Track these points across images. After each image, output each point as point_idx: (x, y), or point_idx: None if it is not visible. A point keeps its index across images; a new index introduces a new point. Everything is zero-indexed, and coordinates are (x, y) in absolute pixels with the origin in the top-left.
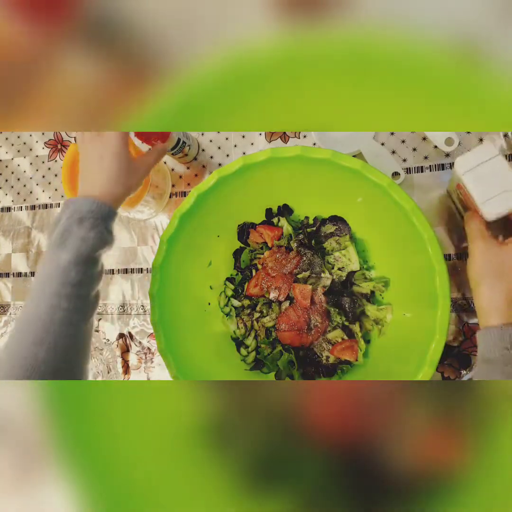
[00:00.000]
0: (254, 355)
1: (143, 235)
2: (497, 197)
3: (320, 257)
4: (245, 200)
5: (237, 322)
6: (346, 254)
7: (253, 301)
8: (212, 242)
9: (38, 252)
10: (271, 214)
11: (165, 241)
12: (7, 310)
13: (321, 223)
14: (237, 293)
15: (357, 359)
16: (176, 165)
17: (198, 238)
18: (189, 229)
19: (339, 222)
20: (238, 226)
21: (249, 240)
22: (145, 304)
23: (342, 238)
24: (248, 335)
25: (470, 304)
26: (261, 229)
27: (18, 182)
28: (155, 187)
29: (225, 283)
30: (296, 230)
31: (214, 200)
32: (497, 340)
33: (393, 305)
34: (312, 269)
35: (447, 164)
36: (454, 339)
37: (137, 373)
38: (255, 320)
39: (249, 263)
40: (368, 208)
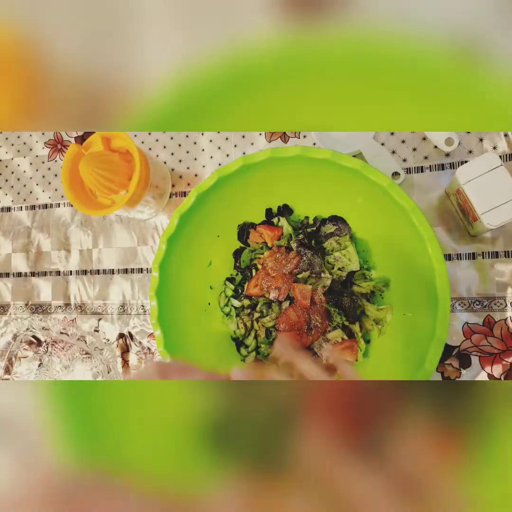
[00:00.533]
0: (254, 355)
1: (143, 235)
2: (498, 208)
3: (320, 257)
4: (245, 200)
5: (237, 322)
6: (346, 254)
7: (253, 301)
8: (212, 242)
9: (38, 252)
10: (271, 214)
11: (165, 240)
12: (7, 310)
13: (321, 223)
14: (237, 293)
15: (357, 359)
16: (176, 165)
17: (198, 238)
18: (189, 229)
19: (339, 222)
20: (238, 226)
21: (249, 240)
22: (145, 304)
23: (342, 238)
24: (248, 335)
25: (470, 304)
26: (261, 229)
27: (18, 182)
28: (155, 187)
29: (225, 283)
30: (296, 230)
31: (214, 200)
32: None
33: (393, 305)
34: (312, 269)
35: (447, 164)
36: (454, 339)
37: None
38: (255, 320)
39: (249, 263)
40: (368, 208)
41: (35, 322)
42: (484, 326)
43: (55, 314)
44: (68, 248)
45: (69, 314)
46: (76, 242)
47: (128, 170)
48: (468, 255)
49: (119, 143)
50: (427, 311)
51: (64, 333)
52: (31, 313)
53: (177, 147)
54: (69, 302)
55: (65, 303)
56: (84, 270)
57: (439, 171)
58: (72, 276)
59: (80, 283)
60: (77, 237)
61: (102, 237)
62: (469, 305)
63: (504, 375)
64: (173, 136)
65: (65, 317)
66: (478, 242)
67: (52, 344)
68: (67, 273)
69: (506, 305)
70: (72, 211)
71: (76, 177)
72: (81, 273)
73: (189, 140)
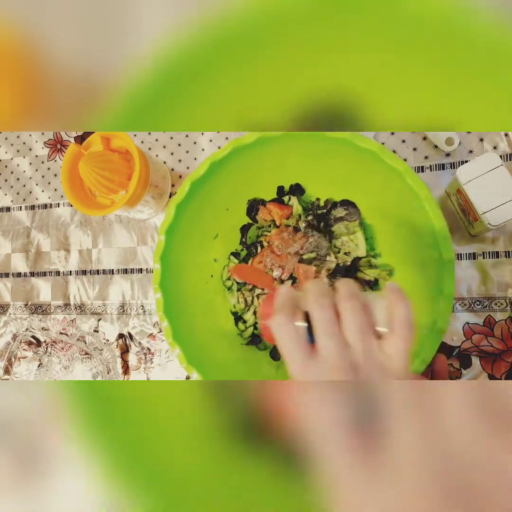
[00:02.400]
0: (252, 331)
1: (143, 235)
2: (499, 208)
3: (328, 240)
4: (258, 174)
5: (237, 297)
6: (353, 239)
7: None
8: (220, 214)
9: (38, 252)
10: (283, 192)
11: (174, 206)
12: (7, 310)
13: (332, 206)
14: None
15: None
16: (176, 164)
17: (207, 208)
18: (199, 197)
19: (350, 207)
20: (248, 201)
21: (257, 216)
22: (145, 304)
23: (352, 223)
24: (247, 310)
25: (471, 304)
26: (271, 206)
27: (18, 182)
28: (155, 187)
29: (229, 257)
30: (306, 211)
31: (227, 171)
32: None
33: None
34: (318, 251)
35: (447, 164)
36: (455, 340)
37: (136, 374)
38: (256, 296)
39: (255, 239)
40: (381, 194)
41: (35, 322)
42: (485, 326)
43: (54, 314)
44: (67, 248)
45: (68, 315)
46: (75, 242)
47: (128, 170)
48: (469, 255)
49: (119, 143)
50: (429, 302)
51: (63, 334)
52: (31, 313)
53: (177, 147)
54: (68, 302)
55: (65, 303)
56: (84, 270)
57: (440, 171)
58: (71, 276)
59: (80, 283)
60: (76, 237)
61: (102, 237)
62: (469, 305)
63: (505, 375)
64: (173, 135)
65: (64, 317)
66: (478, 242)
67: (51, 345)
68: (67, 273)
69: (506, 305)
70: (71, 211)
71: (76, 177)
72: (81, 273)
73: (189, 140)
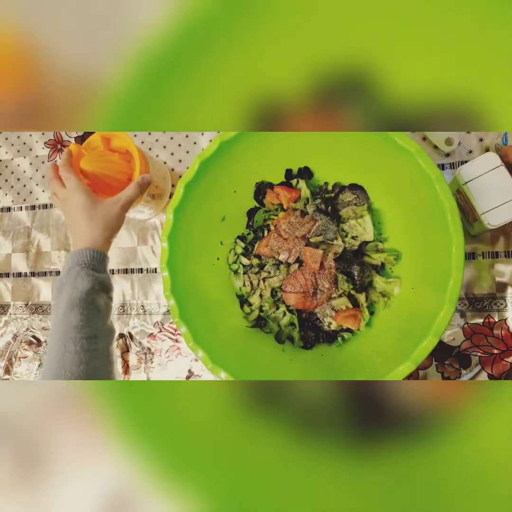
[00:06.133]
0: (257, 314)
1: (143, 235)
2: (498, 208)
3: (335, 224)
4: (267, 157)
5: (243, 280)
6: (361, 223)
7: (262, 260)
8: (228, 196)
9: (38, 252)
10: (291, 175)
11: (183, 185)
12: (7, 310)
13: (340, 190)
14: (246, 251)
15: (359, 328)
16: (176, 165)
17: (215, 189)
18: (208, 177)
19: (358, 191)
20: (256, 184)
21: (265, 200)
22: (145, 304)
23: (360, 207)
24: (253, 294)
25: (471, 304)
26: (279, 190)
27: (18, 182)
28: (155, 187)
29: (235, 241)
30: (314, 195)
31: (236, 152)
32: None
33: (402, 279)
34: (326, 234)
35: (447, 164)
36: (454, 339)
37: (137, 373)
38: (262, 279)
39: (262, 223)
40: (390, 178)
41: (35, 322)
42: (484, 326)
43: None
44: (68, 248)
45: None
46: None
47: (128, 170)
48: (468, 255)
49: (119, 143)
50: (436, 287)
51: None
52: (31, 313)
53: (177, 147)
54: None
55: None
56: None
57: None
58: None
59: None
60: None
61: None
62: (469, 305)
63: (505, 375)
64: (173, 136)
65: None
66: (478, 242)
67: None
68: None
69: (506, 305)
70: None
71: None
72: None
73: (189, 140)
